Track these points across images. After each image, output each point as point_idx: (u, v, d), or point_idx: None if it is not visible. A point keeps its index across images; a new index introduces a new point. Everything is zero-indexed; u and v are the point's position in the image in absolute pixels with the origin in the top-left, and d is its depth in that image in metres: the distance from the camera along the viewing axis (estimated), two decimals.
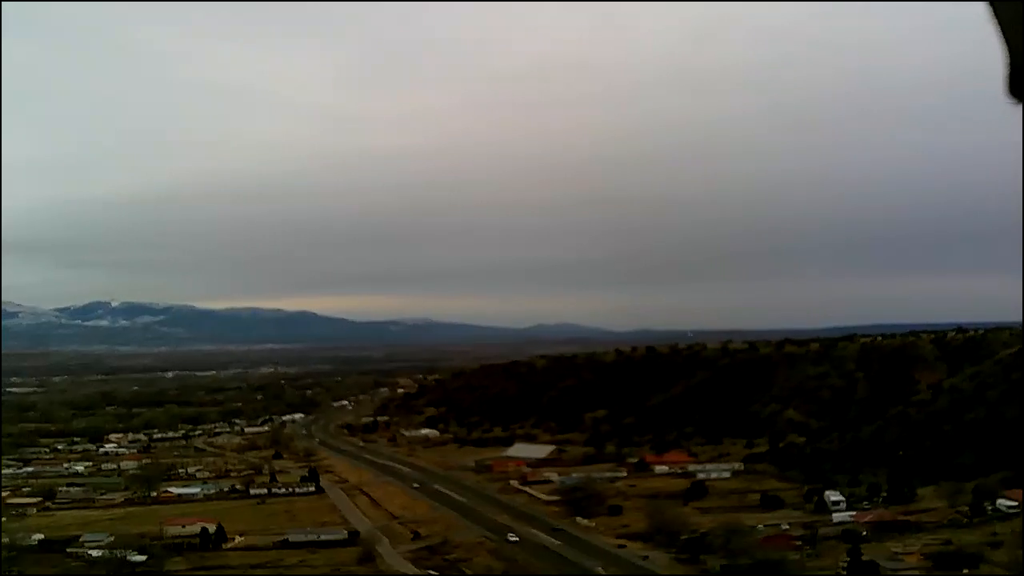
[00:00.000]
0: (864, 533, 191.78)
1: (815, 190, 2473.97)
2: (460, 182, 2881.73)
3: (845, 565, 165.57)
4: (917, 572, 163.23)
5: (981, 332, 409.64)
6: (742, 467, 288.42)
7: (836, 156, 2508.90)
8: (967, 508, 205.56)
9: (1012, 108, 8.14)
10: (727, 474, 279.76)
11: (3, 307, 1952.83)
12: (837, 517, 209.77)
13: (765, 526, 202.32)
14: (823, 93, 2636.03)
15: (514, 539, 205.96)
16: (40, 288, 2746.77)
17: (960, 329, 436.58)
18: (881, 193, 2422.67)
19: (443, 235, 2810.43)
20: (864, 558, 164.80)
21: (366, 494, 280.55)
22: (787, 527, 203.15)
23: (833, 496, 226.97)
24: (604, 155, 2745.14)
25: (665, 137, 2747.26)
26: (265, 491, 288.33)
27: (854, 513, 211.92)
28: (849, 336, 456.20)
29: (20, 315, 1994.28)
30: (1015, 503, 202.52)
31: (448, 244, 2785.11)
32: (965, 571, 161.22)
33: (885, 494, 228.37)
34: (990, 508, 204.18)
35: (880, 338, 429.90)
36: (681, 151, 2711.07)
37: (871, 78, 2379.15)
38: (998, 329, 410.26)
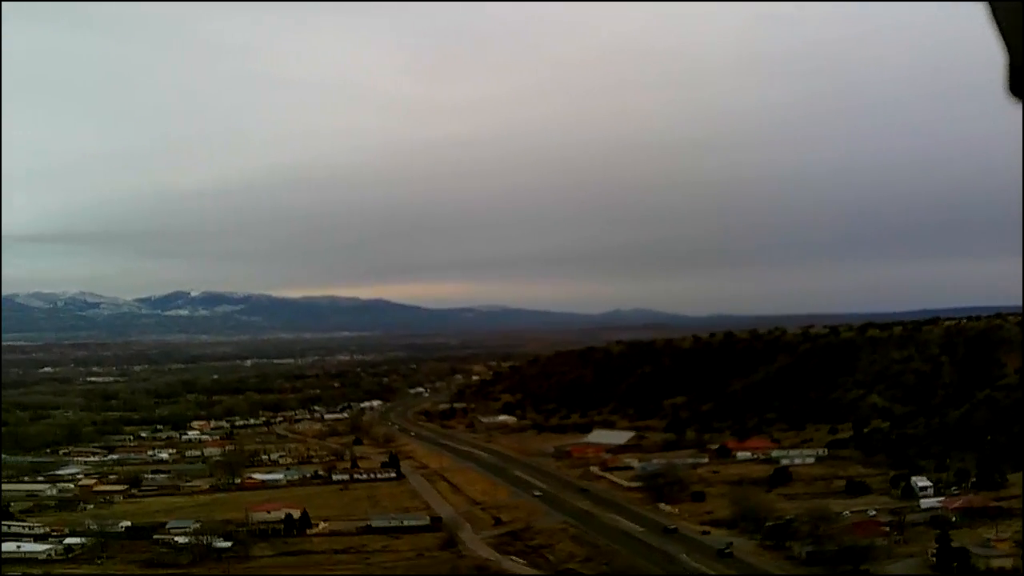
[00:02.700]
0: (953, 519, 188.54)
1: (894, 172, 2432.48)
2: (530, 167, 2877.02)
3: (935, 551, 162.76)
4: (1010, 559, 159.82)
5: None
6: (826, 453, 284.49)
7: (914, 137, 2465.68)
8: None
9: (1013, 107, 7.99)
10: (811, 460, 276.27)
11: (84, 298, 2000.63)
12: (925, 503, 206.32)
13: (851, 512, 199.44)
14: (898, 73, 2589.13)
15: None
16: (120, 278, 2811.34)
17: None
18: (962, 173, 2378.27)
19: (515, 221, 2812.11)
20: (954, 544, 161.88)
21: (446, 480, 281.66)
22: (874, 513, 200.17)
23: (920, 482, 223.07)
24: (676, 138, 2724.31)
25: (737, 121, 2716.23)
26: (347, 477, 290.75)
27: (942, 499, 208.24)
28: (932, 319, 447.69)
29: (101, 305, 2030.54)
30: None
31: (520, 230, 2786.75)
32: None
33: (974, 480, 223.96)
34: None
35: (964, 321, 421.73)
36: (752, 135, 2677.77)
37: (946, 55, 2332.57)
38: None
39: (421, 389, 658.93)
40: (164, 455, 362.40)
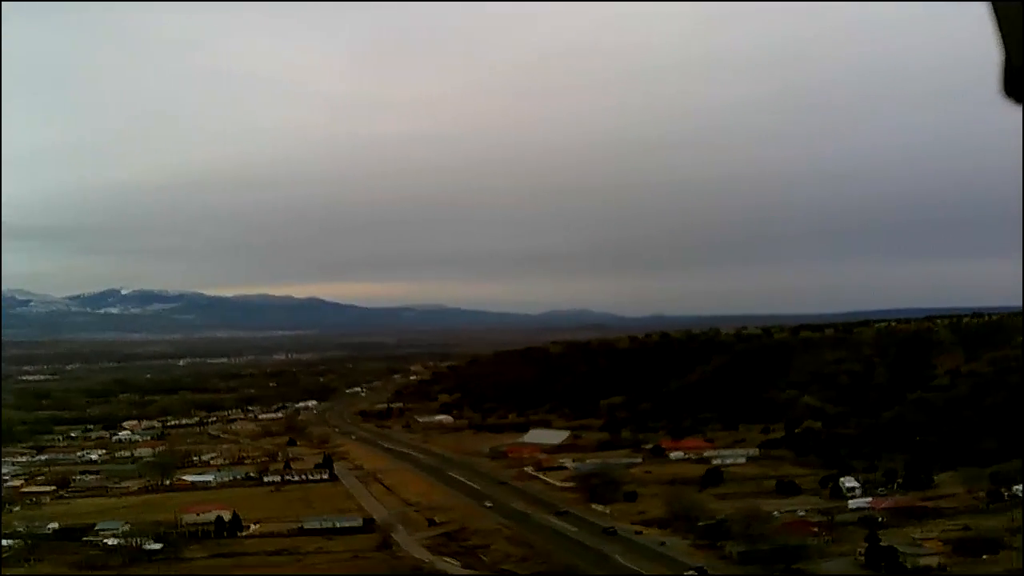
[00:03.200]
0: (881, 519, 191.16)
1: (827, 176, 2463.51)
2: (470, 168, 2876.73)
3: (864, 551, 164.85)
4: (936, 557, 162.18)
5: (997, 317, 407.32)
6: (758, 453, 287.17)
7: (849, 141, 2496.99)
8: (985, 494, 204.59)
9: (1011, 108, 8.02)
10: (743, 460, 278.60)
11: (15, 295, 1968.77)
12: (853, 503, 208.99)
13: (782, 512, 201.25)
14: (833, 78, 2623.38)
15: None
16: (52, 276, 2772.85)
17: (976, 314, 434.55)
18: (893, 177, 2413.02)
19: (454, 221, 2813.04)
20: (883, 544, 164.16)
21: (381, 481, 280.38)
22: (804, 513, 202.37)
23: (848, 482, 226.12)
24: (615, 141, 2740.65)
25: (676, 123, 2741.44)
26: (279, 478, 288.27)
27: (871, 499, 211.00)
28: (865, 321, 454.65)
29: (32, 303, 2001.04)
30: None
31: (459, 230, 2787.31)
32: (985, 556, 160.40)
33: (902, 480, 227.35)
34: (1007, 494, 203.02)
35: (896, 323, 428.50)
36: (692, 137, 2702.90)
37: (883, 61, 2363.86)
38: (1015, 314, 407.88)
39: (358, 389, 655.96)
40: (94, 455, 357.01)
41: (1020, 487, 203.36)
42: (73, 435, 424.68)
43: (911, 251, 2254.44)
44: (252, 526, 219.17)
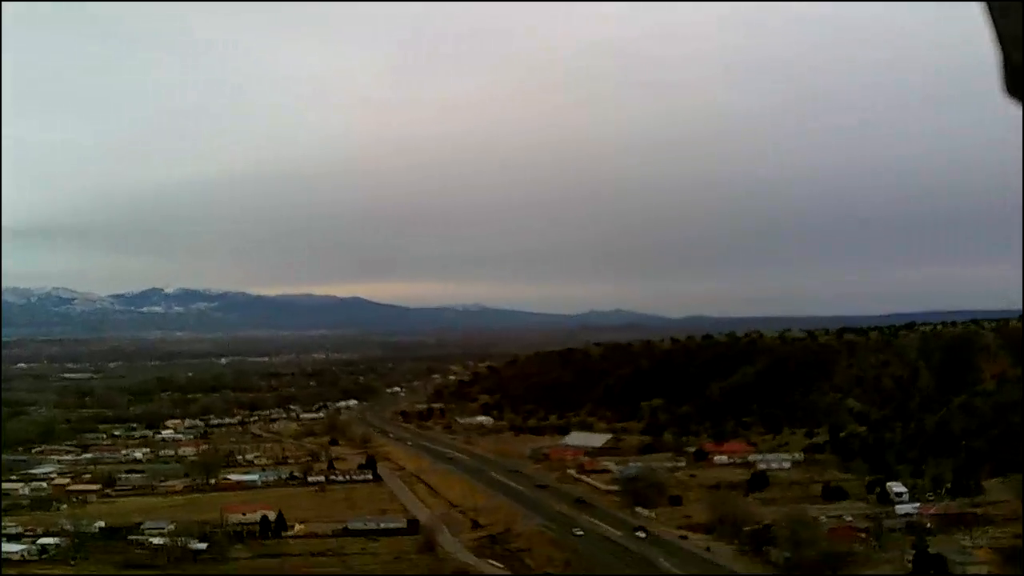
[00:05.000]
0: (929, 525, 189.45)
1: (869, 177, 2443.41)
2: (508, 167, 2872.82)
3: (911, 558, 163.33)
4: (986, 566, 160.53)
5: None
6: (803, 457, 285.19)
7: (888, 142, 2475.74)
8: None
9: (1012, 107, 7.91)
10: (788, 464, 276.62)
11: (58, 294, 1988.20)
12: (901, 509, 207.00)
13: (828, 517, 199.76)
14: (875, 79, 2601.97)
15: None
16: (95, 274, 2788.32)
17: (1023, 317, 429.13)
18: (938, 179, 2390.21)
19: (492, 220, 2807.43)
20: (931, 551, 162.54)
21: (424, 482, 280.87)
22: (851, 519, 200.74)
23: (896, 488, 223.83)
24: (657, 141, 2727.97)
25: (714, 124, 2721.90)
26: (323, 478, 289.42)
27: (918, 505, 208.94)
28: (909, 324, 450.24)
29: (75, 301, 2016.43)
30: None
31: (497, 229, 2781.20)
32: None
33: (949, 486, 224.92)
34: None
35: (941, 326, 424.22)
36: (731, 138, 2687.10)
37: (917, 62, 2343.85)
38: None
39: (398, 389, 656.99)
40: (138, 454, 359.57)
41: None
42: (117, 433, 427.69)
43: (959, 252, 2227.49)
44: (296, 526, 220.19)
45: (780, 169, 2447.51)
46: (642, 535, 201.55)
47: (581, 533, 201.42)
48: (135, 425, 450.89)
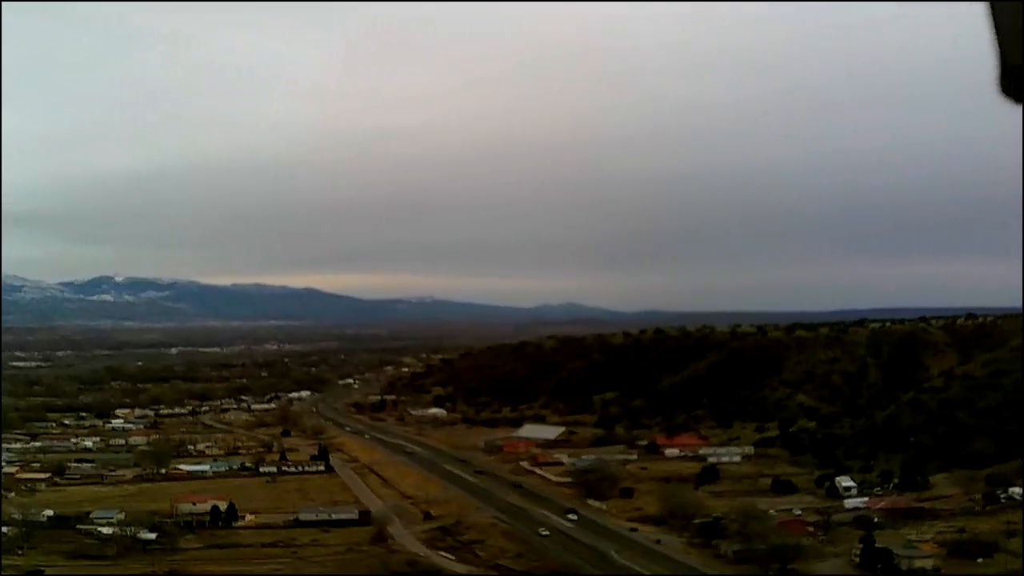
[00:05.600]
0: (877, 520, 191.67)
1: (823, 175, 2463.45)
2: (464, 160, 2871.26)
3: (859, 551, 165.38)
4: (932, 560, 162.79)
5: (991, 319, 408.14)
6: (753, 451, 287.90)
7: (845, 140, 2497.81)
8: (980, 496, 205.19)
9: (1011, 108, 7.99)
10: (738, 458, 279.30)
11: (8, 281, 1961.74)
12: (849, 503, 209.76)
13: (778, 511, 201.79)
14: (829, 77, 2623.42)
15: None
16: (45, 262, 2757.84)
17: (970, 315, 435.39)
18: (889, 176, 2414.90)
19: (448, 213, 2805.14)
20: (878, 545, 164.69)
21: (377, 473, 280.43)
22: (800, 512, 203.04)
23: (845, 482, 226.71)
24: (609, 136, 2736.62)
25: (669, 119, 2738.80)
26: (275, 469, 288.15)
27: (867, 499, 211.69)
28: (859, 321, 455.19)
29: (25, 289, 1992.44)
30: None
31: (453, 222, 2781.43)
32: (980, 560, 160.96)
33: (897, 481, 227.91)
34: (1003, 496, 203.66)
35: (890, 323, 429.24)
36: (686, 134, 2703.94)
37: (876, 61, 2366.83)
38: (1009, 316, 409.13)
39: (351, 380, 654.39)
40: (88, 443, 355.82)
41: (1015, 490, 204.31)
42: (66, 422, 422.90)
43: (906, 250, 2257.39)
44: (248, 517, 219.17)
45: (730, 166, 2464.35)
46: (574, 517, 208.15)
47: (547, 533, 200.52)
48: (85, 414, 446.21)
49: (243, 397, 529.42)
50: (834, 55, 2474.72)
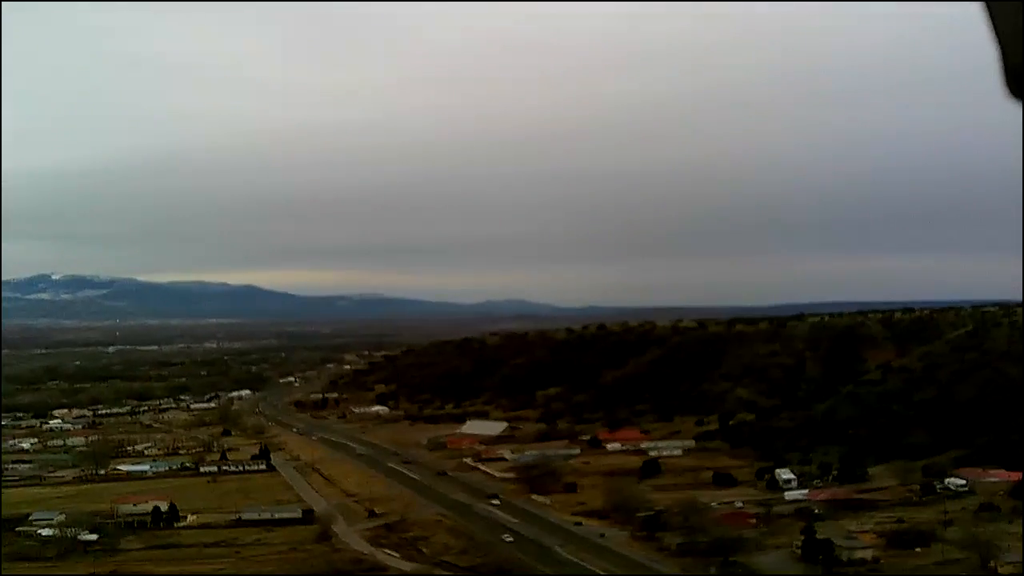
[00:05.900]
0: (817, 511, 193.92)
1: (762, 171, 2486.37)
2: (405, 157, 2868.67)
3: (800, 543, 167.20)
4: (872, 550, 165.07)
5: (928, 312, 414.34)
6: (694, 445, 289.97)
7: (788, 137, 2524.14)
8: (918, 487, 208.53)
9: (1012, 106, 8.04)
10: (679, 452, 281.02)
11: None
12: (790, 495, 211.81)
13: (719, 504, 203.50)
14: (772, 74, 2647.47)
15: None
16: None
17: (907, 309, 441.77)
18: (825, 173, 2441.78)
19: (389, 209, 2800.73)
20: (819, 536, 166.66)
21: (319, 472, 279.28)
22: (741, 505, 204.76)
23: (785, 474, 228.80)
24: (550, 132, 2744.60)
25: (612, 115, 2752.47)
26: (216, 468, 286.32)
27: (807, 491, 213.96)
28: (798, 315, 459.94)
29: None
30: (964, 482, 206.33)
31: (394, 218, 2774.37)
32: (918, 549, 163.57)
33: (836, 472, 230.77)
34: (939, 487, 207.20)
35: (828, 317, 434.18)
36: (630, 130, 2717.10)
37: (821, 58, 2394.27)
38: (944, 309, 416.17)
39: (292, 379, 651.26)
40: (26, 444, 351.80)
41: (951, 480, 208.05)
42: (3, 423, 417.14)
43: (845, 246, 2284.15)
44: (189, 517, 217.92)
45: (672, 163, 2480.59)
46: (496, 502, 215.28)
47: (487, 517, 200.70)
48: (22, 415, 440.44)
49: (183, 396, 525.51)
50: (784, 51, 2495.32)
